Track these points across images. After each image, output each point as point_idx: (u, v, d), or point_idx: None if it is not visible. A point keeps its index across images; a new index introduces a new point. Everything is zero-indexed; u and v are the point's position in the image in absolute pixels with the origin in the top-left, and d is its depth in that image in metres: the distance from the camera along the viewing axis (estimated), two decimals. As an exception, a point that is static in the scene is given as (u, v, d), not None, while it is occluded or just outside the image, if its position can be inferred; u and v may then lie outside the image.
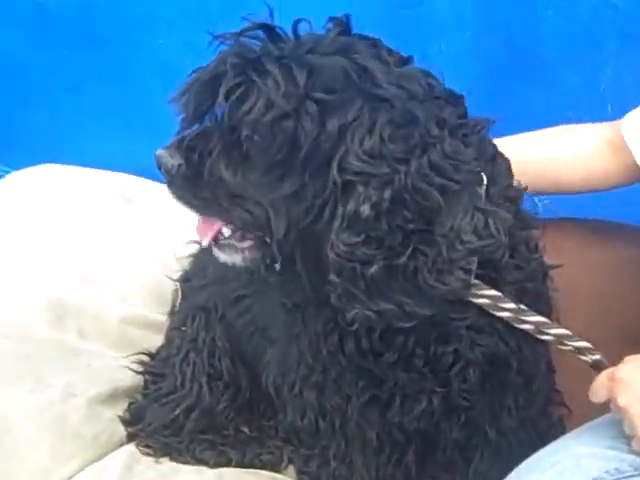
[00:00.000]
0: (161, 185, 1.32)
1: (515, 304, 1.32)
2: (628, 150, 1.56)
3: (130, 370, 1.83)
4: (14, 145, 2.56)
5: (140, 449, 1.75)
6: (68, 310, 1.97)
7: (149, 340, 1.92)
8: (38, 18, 2.37)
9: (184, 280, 1.85)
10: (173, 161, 1.26)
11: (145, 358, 1.86)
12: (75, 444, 1.70)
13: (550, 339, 1.36)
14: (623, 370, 1.28)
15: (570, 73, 2.02)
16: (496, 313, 1.32)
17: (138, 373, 1.84)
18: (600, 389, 1.30)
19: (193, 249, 1.80)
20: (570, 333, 1.35)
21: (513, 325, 1.34)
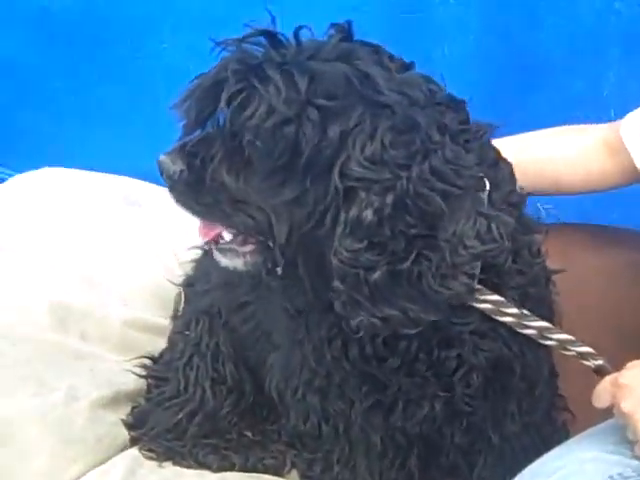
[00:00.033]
0: (164, 189, 1.32)
1: (518, 309, 1.32)
2: (626, 151, 1.56)
3: (133, 374, 1.83)
4: (18, 148, 2.56)
5: (143, 453, 1.74)
6: (71, 313, 1.96)
7: (151, 343, 1.92)
8: (42, 22, 2.37)
9: (187, 284, 1.85)
10: (175, 167, 1.27)
11: (148, 362, 1.86)
12: (78, 448, 1.70)
13: (553, 344, 1.36)
14: (626, 376, 1.28)
15: (573, 79, 2.02)
16: (499, 318, 1.32)
17: (141, 377, 1.83)
18: (603, 394, 1.30)
19: (195, 254, 1.80)
20: (573, 338, 1.35)
21: (516, 330, 1.34)
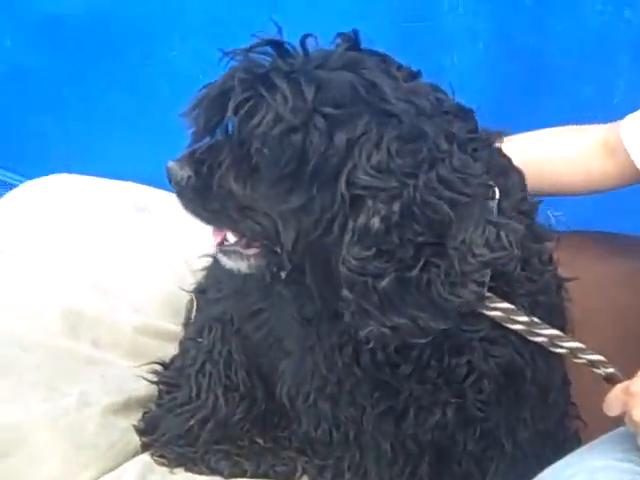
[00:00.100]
0: (173, 195, 1.33)
1: (528, 317, 1.32)
2: (626, 152, 1.55)
3: (144, 380, 1.83)
4: (28, 155, 2.56)
5: (155, 459, 1.75)
6: (82, 320, 1.96)
7: (162, 350, 1.92)
8: (52, 29, 2.37)
9: (199, 292, 1.86)
10: (183, 173, 1.28)
11: (159, 368, 1.86)
12: (89, 453, 1.70)
13: (564, 352, 1.35)
14: (638, 384, 1.28)
15: (583, 86, 2.03)
16: (509, 326, 1.32)
17: (152, 383, 1.84)
18: (614, 402, 1.30)
19: (207, 262, 1.80)
20: (584, 346, 1.35)
21: (526, 338, 1.34)
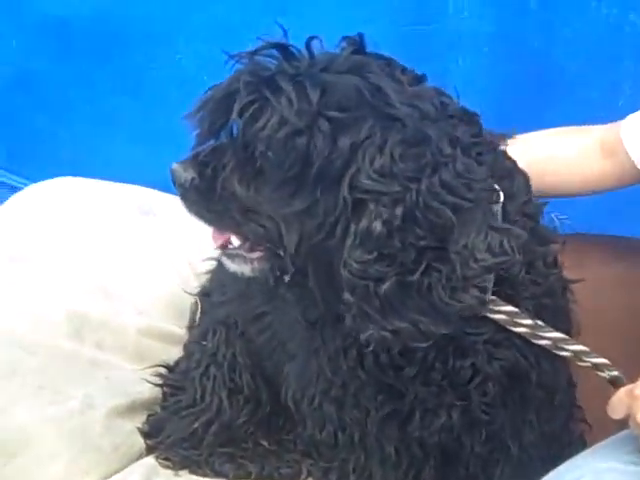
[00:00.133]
0: (178, 198, 1.33)
1: (532, 320, 1.32)
2: (626, 152, 1.55)
3: (148, 382, 1.84)
4: (33, 158, 2.56)
5: (159, 462, 1.75)
6: (86, 322, 1.96)
7: (166, 352, 1.92)
8: (58, 32, 2.37)
9: (203, 295, 1.86)
10: (186, 175, 1.28)
11: (163, 370, 1.86)
12: (94, 456, 1.71)
13: (568, 355, 1.35)
14: (642, 387, 1.28)
15: (588, 89, 2.02)
16: (513, 329, 1.32)
17: (157, 385, 1.84)
18: (619, 405, 1.29)
19: (211, 265, 1.81)
20: (588, 349, 1.35)
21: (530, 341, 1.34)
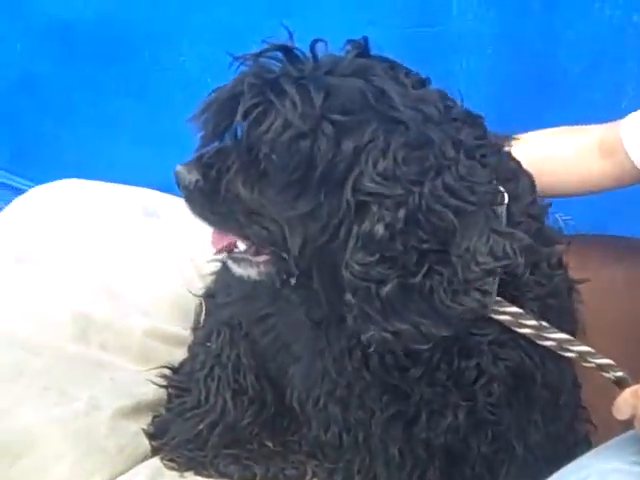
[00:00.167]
0: (182, 200, 1.33)
1: (536, 321, 1.31)
2: (625, 152, 1.55)
3: (153, 384, 1.84)
4: (37, 160, 2.56)
5: (164, 463, 1.76)
6: (92, 324, 1.97)
7: (171, 353, 1.93)
8: (62, 35, 2.37)
9: (207, 296, 1.86)
10: (190, 176, 1.28)
11: (168, 372, 1.87)
12: (99, 457, 1.71)
13: (573, 356, 1.35)
14: (647, 387, 1.28)
15: (591, 91, 2.02)
16: (517, 330, 1.32)
17: (162, 387, 1.84)
18: (624, 406, 1.29)
19: (215, 266, 1.80)
20: (593, 350, 1.35)
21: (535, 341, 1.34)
